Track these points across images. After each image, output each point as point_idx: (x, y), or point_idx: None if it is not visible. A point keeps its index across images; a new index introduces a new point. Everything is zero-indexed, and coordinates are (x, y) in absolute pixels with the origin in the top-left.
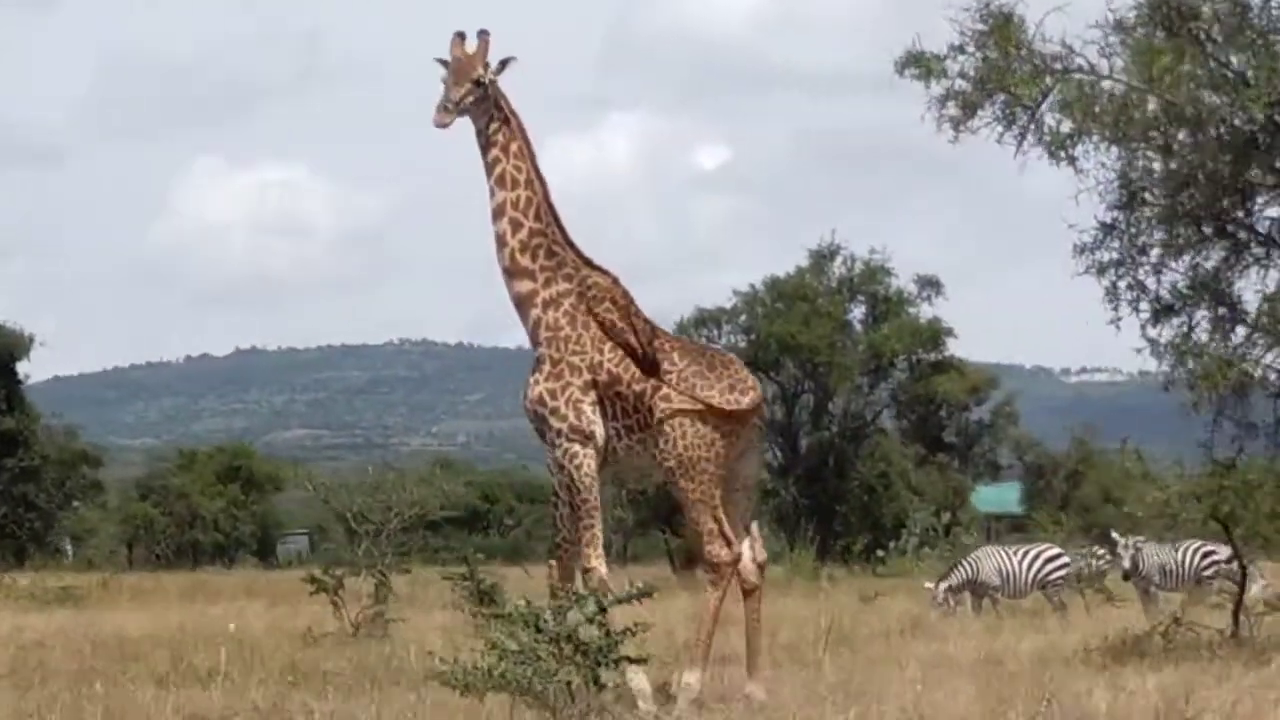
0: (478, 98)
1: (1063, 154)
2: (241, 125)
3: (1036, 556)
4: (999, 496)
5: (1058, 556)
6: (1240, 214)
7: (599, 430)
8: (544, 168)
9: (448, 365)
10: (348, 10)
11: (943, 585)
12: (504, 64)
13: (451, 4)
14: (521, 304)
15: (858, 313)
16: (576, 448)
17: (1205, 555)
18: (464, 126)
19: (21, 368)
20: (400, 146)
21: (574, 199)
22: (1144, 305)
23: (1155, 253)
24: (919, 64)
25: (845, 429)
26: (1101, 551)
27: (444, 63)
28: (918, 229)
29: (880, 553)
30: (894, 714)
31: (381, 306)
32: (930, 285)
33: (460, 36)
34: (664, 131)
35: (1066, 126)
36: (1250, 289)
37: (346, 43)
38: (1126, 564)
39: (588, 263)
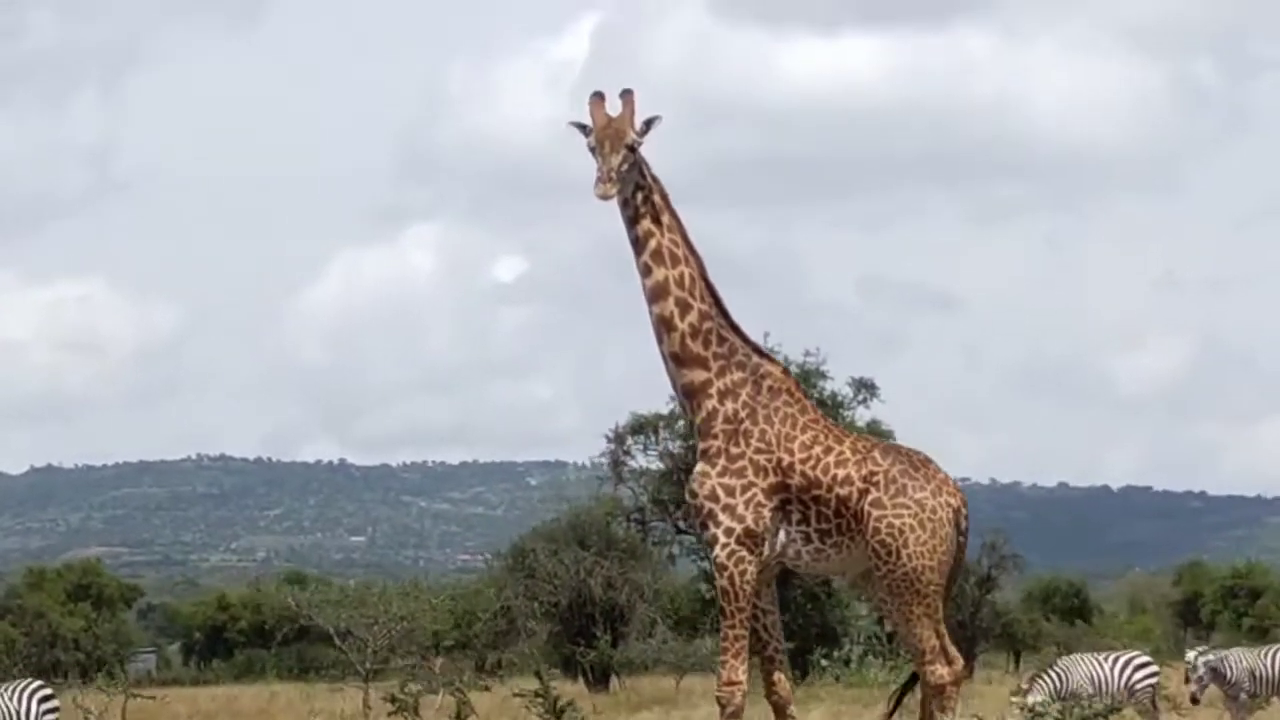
0: (631, 164)
1: None
2: (32, 241)
3: (1127, 664)
4: None
5: (1147, 664)
6: None
7: (772, 538)
8: (341, 281)
9: (246, 481)
10: (133, 124)
11: (1031, 698)
12: (649, 124)
13: (236, 119)
14: (693, 394)
15: None
16: (745, 553)
17: None
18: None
19: None
20: (192, 259)
21: (373, 311)
22: None
23: None
24: None
25: None
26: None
27: (583, 128)
28: None
29: (825, 663)
30: None
31: (178, 422)
32: (866, 388)
33: (599, 97)
34: (462, 242)
35: None
36: None
37: (134, 156)
38: (1195, 685)
39: (757, 350)
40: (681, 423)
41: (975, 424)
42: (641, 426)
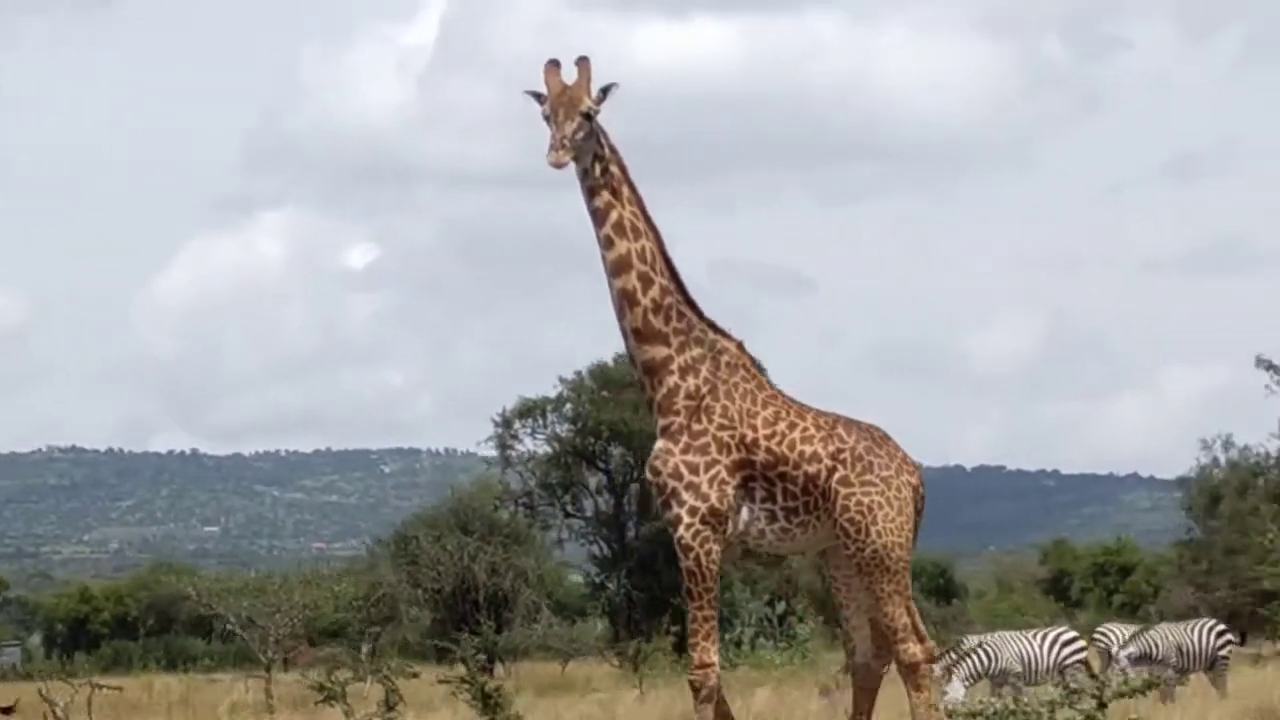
0: (587, 133)
1: None
2: None
3: (1055, 640)
4: None
5: (1074, 639)
6: None
7: (735, 517)
8: (191, 269)
9: (98, 472)
10: None
11: (956, 675)
12: (605, 92)
13: (83, 106)
14: (654, 371)
15: None
16: (710, 532)
17: (1220, 634)
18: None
19: None
20: (39, 248)
21: (223, 299)
22: None
23: None
24: None
25: None
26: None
27: (538, 96)
28: (568, 321)
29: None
30: None
31: (28, 413)
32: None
33: (555, 65)
34: (313, 229)
35: None
36: None
37: None
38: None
39: (712, 325)
40: (569, 406)
41: (829, 405)
42: (529, 410)
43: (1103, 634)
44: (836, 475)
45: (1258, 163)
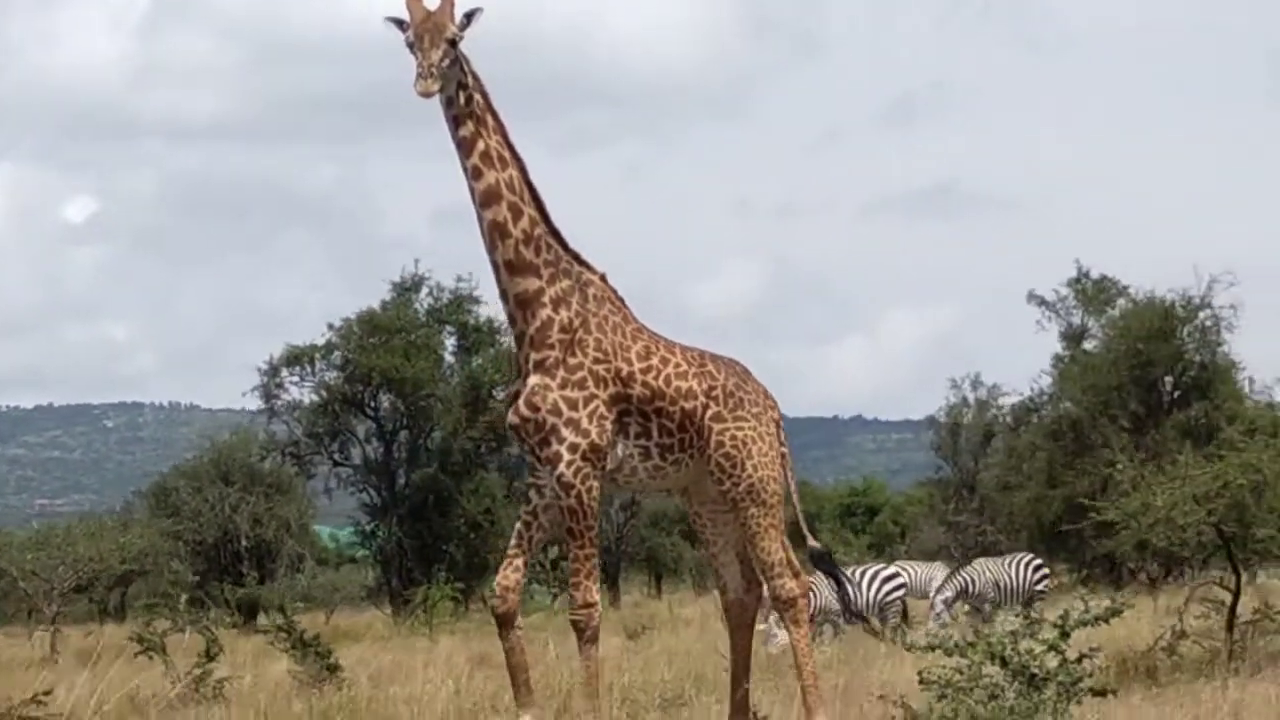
0: (452, 60)
1: None
2: None
3: (874, 577)
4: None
5: (894, 576)
6: None
7: (611, 452)
8: None
9: None
10: None
11: (775, 618)
12: (469, 17)
13: None
14: (526, 304)
15: (449, 344)
16: (590, 469)
17: (1037, 569)
18: None
19: None
20: None
21: None
22: None
23: None
24: None
25: (446, 465)
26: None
27: (399, 23)
28: (288, 273)
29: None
30: None
31: None
32: None
33: None
34: (30, 184)
35: None
36: None
37: None
38: (934, 623)
39: (576, 257)
40: (337, 354)
41: None
42: (297, 358)
43: (896, 573)
44: (710, 411)
45: (971, 105)
